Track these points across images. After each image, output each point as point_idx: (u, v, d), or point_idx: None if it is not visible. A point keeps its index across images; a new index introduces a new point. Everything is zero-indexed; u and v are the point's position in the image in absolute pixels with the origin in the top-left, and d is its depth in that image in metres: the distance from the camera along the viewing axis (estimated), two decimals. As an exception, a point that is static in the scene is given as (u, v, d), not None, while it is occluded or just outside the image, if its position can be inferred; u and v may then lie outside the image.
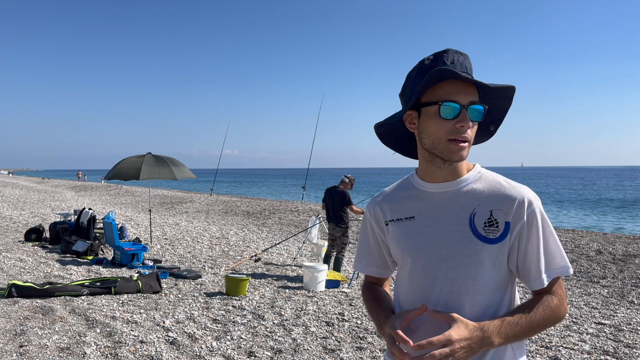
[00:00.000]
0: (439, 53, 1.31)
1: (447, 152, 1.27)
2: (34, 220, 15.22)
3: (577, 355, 4.41)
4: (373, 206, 1.48)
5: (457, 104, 1.24)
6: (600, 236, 11.80)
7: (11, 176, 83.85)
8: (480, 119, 1.27)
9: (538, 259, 1.27)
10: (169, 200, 23.86)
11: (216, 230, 13.60)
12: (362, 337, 4.80)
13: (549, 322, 1.26)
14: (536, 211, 1.28)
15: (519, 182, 1.35)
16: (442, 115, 1.25)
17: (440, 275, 1.31)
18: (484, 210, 1.30)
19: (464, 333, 1.18)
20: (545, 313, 1.25)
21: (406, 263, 1.38)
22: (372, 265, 1.52)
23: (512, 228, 1.28)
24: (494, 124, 1.37)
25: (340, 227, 7.71)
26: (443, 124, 1.25)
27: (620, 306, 6.20)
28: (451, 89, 1.25)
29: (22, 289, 5.98)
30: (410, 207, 1.39)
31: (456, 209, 1.32)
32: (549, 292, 1.29)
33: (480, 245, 1.28)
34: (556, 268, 1.29)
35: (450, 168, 1.32)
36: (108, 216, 9.90)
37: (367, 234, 1.52)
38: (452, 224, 1.31)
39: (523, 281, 1.32)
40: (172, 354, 4.27)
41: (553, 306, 1.27)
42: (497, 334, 1.21)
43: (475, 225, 1.29)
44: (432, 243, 1.33)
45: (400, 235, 1.39)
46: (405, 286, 1.39)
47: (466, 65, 1.29)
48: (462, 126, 1.24)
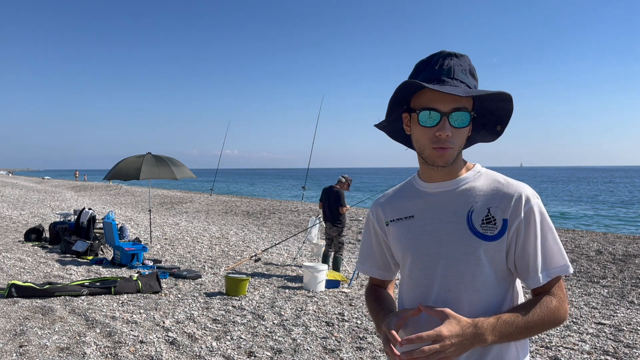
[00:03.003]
0: (429, 57, 1.32)
1: (431, 158, 1.29)
2: (33, 220, 15.21)
3: (577, 355, 4.41)
4: (375, 208, 1.50)
5: (437, 111, 1.24)
6: (600, 236, 11.80)
7: (11, 176, 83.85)
8: (467, 124, 1.26)
9: (535, 256, 1.26)
10: (169, 200, 23.86)
11: (216, 230, 13.60)
12: (362, 337, 4.80)
13: (547, 323, 1.24)
14: (534, 208, 1.27)
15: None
16: (421, 123, 1.27)
17: (439, 273, 1.31)
18: (482, 207, 1.30)
19: (455, 329, 1.17)
20: (543, 314, 1.24)
21: (406, 262, 1.38)
22: (375, 267, 1.53)
23: (509, 225, 1.27)
24: (500, 124, 1.37)
25: (337, 226, 7.70)
26: (425, 132, 1.27)
27: (620, 306, 6.20)
28: (433, 96, 1.25)
29: (22, 289, 5.98)
30: (410, 207, 1.40)
31: (454, 207, 1.32)
32: (548, 292, 1.27)
33: (477, 242, 1.28)
34: (555, 267, 1.27)
35: (446, 169, 1.32)
36: (108, 216, 9.90)
37: (369, 235, 1.52)
38: (451, 222, 1.31)
39: (521, 280, 1.32)
40: (172, 354, 4.27)
41: (552, 307, 1.25)
42: (491, 332, 1.19)
43: (472, 222, 1.29)
44: (431, 241, 1.33)
45: (400, 234, 1.39)
46: (406, 285, 1.40)
47: (455, 69, 1.27)
48: (441, 135, 1.24)
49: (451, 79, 1.26)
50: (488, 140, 1.43)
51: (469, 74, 1.29)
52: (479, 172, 1.37)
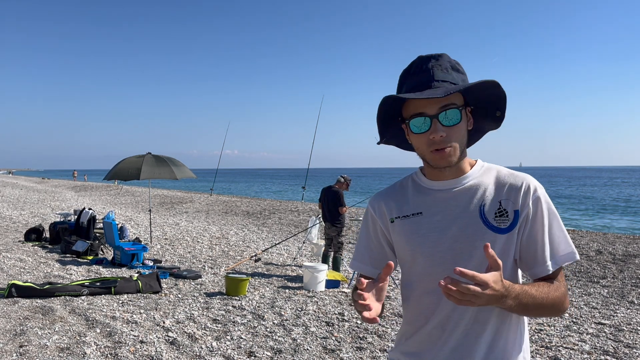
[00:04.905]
0: (409, 65, 1.34)
1: (433, 161, 1.31)
2: (34, 220, 15.22)
3: (577, 355, 4.41)
4: (377, 203, 1.47)
5: (425, 116, 1.26)
6: (600, 236, 11.80)
7: (11, 176, 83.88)
8: (459, 120, 1.27)
9: (543, 244, 1.29)
10: (169, 200, 23.86)
11: (216, 230, 13.60)
12: (362, 337, 4.80)
13: (556, 307, 1.27)
14: (541, 197, 1.31)
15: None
16: (413, 130, 1.29)
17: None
18: (493, 200, 1.32)
19: (498, 285, 1.14)
20: (556, 296, 1.27)
21: (417, 260, 1.37)
22: (369, 264, 1.48)
23: (520, 216, 1.30)
24: (499, 110, 1.36)
25: (336, 226, 7.69)
26: (420, 138, 1.29)
27: (620, 306, 6.20)
28: (418, 102, 1.27)
29: (22, 289, 5.98)
30: (417, 203, 1.39)
31: (465, 202, 1.34)
32: (556, 280, 1.30)
33: (493, 236, 1.30)
34: (562, 254, 1.30)
35: (453, 167, 1.33)
36: (108, 216, 9.90)
37: (367, 231, 1.49)
38: (463, 217, 1.32)
39: (525, 268, 1.33)
40: (172, 354, 4.27)
41: (561, 293, 1.28)
42: (514, 298, 1.18)
43: (486, 216, 1.31)
44: (444, 237, 1.33)
45: (408, 231, 1.38)
46: (418, 282, 1.38)
47: (434, 71, 1.28)
48: (434, 137, 1.26)
49: (432, 82, 1.27)
50: (494, 127, 1.43)
51: (451, 70, 1.30)
52: (483, 166, 1.39)
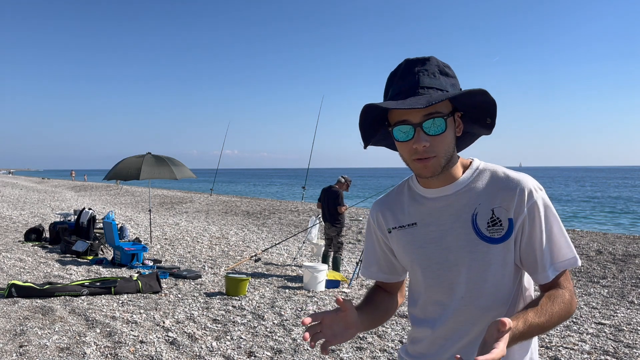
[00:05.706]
0: (395, 68, 1.28)
1: (417, 170, 1.26)
2: (33, 220, 15.21)
3: (577, 355, 4.41)
4: (375, 213, 1.46)
5: (408, 124, 1.20)
6: (600, 236, 11.79)
7: (11, 176, 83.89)
8: (444, 129, 1.20)
9: (542, 251, 1.23)
10: (169, 200, 23.86)
11: (216, 230, 13.60)
12: (362, 337, 4.80)
13: (562, 317, 1.22)
14: (538, 202, 1.23)
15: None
16: (396, 138, 1.23)
17: (452, 280, 1.29)
18: (485, 209, 1.26)
19: (506, 345, 1.05)
20: (560, 309, 1.20)
21: (416, 271, 1.37)
22: (379, 271, 1.49)
23: (515, 224, 1.24)
24: (489, 117, 1.29)
25: (336, 226, 7.69)
26: (403, 146, 1.23)
27: (620, 306, 6.20)
28: (400, 110, 1.20)
29: (22, 289, 5.98)
30: (412, 213, 1.36)
31: (457, 211, 1.29)
32: (559, 286, 1.24)
33: (486, 247, 1.25)
34: (562, 260, 1.24)
35: (442, 174, 1.27)
36: (108, 216, 9.90)
37: (372, 240, 1.49)
38: (456, 227, 1.28)
39: (529, 274, 1.30)
40: (172, 354, 4.27)
41: (566, 301, 1.22)
42: (519, 337, 1.13)
43: (478, 226, 1.26)
44: (439, 249, 1.31)
45: (405, 243, 1.37)
46: (419, 292, 1.39)
47: (420, 77, 1.21)
48: (417, 147, 1.20)
49: (417, 89, 1.20)
50: (485, 133, 1.37)
51: (439, 75, 1.23)
52: (477, 169, 1.31)
